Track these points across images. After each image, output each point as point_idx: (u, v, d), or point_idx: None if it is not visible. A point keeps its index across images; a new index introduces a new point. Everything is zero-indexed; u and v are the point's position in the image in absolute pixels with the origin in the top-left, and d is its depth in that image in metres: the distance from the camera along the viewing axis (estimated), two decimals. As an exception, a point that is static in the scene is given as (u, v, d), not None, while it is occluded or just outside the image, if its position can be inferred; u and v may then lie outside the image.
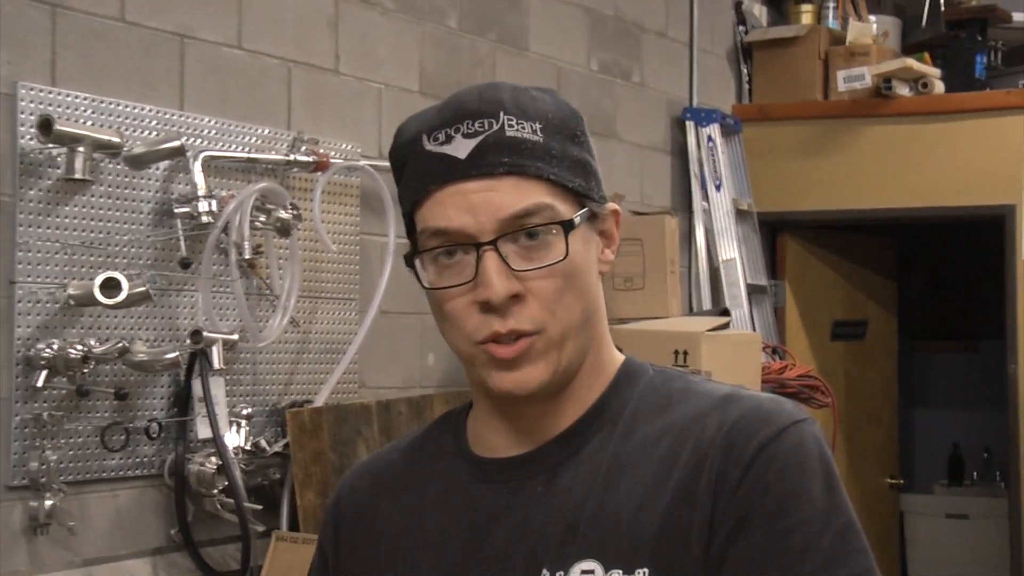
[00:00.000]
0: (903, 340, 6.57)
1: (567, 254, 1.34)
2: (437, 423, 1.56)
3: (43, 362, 2.74)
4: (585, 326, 1.38)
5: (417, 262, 1.37)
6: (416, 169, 1.37)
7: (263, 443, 3.16)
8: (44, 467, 2.75)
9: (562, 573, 1.33)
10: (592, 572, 1.32)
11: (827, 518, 1.30)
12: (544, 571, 1.34)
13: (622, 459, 1.37)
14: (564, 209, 1.35)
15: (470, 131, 1.34)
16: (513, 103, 1.36)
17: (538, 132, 1.35)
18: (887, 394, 6.29)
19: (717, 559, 1.29)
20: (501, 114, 1.35)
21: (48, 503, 2.76)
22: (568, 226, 1.35)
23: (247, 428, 3.14)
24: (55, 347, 2.76)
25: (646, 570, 1.30)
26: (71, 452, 2.84)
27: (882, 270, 6.25)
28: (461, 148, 1.34)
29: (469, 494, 1.43)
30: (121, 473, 2.95)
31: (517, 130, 1.35)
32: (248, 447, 3.12)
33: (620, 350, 1.48)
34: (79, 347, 2.78)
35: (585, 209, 1.37)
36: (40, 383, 2.73)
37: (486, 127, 1.34)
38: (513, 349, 1.33)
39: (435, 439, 1.53)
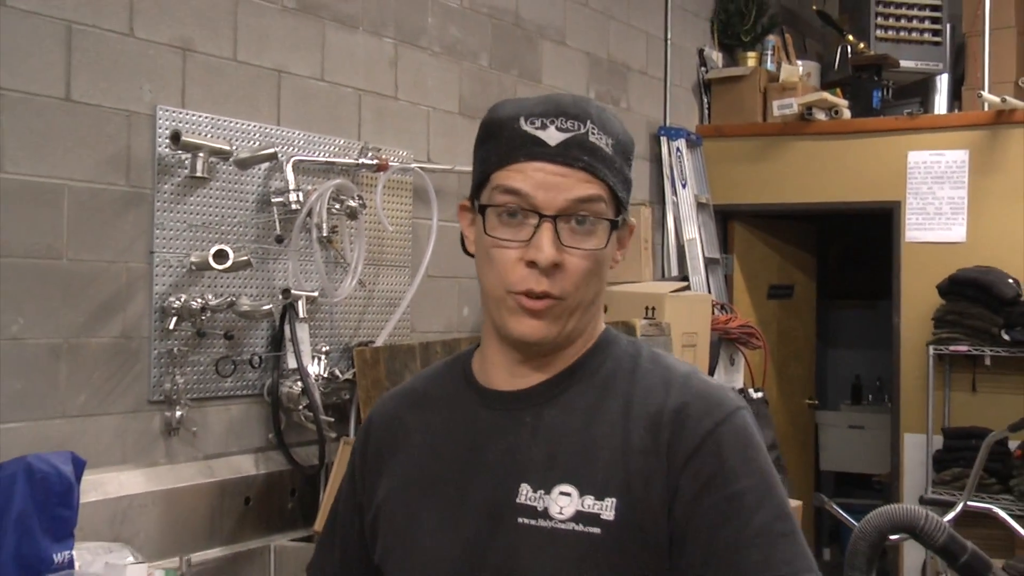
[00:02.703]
0: (820, 299, 6.51)
1: (605, 245, 1.25)
2: (450, 361, 1.45)
3: (173, 311, 2.71)
4: (591, 306, 1.29)
5: (488, 211, 1.26)
6: (509, 140, 1.25)
7: (337, 372, 3.12)
8: (175, 388, 2.73)
9: (543, 491, 1.24)
10: (569, 495, 1.23)
11: (768, 483, 1.22)
12: (523, 485, 1.25)
13: (599, 407, 1.28)
14: (610, 211, 1.26)
15: (563, 127, 1.24)
16: (598, 117, 1.26)
17: (610, 146, 1.26)
18: (807, 338, 6.23)
19: (683, 518, 1.20)
20: (588, 122, 1.25)
21: (178, 414, 2.75)
22: (613, 225, 1.26)
23: (325, 361, 3.10)
24: (182, 300, 2.72)
25: (614, 500, 1.21)
26: (194, 377, 2.80)
27: (805, 247, 6.18)
28: (552, 137, 1.24)
29: (471, 415, 1.34)
30: (231, 393, 2.91)
31: (597, 139, 1.25)
32: (325, 375, 3.07)
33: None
34: (199, 300, 2.74)
35: (621, 216, 1.28)
36: (171, 327, 2.71)
37: (575, 128, 1.24)
38: (540, 304, 1.24)
39: (448, 371, 1.43)
